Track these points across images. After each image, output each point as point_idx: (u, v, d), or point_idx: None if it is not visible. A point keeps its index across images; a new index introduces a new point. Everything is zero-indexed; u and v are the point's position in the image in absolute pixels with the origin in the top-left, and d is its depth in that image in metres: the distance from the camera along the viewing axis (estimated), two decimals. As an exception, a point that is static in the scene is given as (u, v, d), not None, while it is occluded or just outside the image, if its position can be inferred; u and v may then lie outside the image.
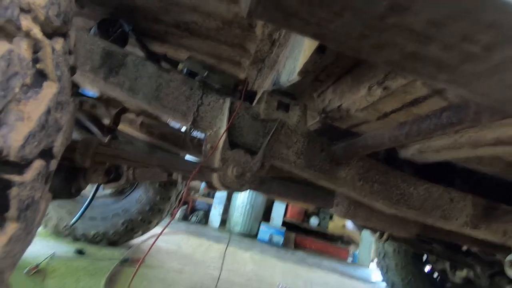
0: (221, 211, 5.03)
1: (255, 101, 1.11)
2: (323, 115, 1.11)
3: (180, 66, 1.06)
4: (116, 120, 1.25)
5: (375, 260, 3.42)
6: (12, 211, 0.41)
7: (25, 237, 0.43)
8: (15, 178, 0.41)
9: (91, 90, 1.31)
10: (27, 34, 0.41)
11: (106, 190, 2.25)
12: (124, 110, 1.27)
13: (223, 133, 0.92)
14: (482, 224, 1.17)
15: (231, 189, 0.93)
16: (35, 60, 0.41)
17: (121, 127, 1.81)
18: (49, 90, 0.42)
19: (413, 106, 0.84)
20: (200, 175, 0.97)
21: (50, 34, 0.44)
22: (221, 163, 0.88)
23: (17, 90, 0.39)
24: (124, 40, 1.08)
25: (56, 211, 2.32)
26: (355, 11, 0.35)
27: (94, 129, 1.42)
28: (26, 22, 0.40)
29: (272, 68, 1.22)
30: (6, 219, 0.41)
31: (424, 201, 1.13)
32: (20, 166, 0.42)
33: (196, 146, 1.55)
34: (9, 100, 0.38)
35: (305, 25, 0.39)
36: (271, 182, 1.42)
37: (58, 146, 0.45)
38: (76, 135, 1.17)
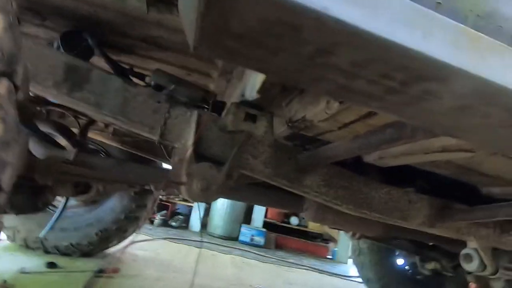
0: (201, 214, 5.00)
1: (224, 112, 1.14)
2: (290, 124, 1.16)
3: (147, 80, 1.06)
4: (84, 132, 1.24)
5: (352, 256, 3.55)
6: None
7: None
8: None
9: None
10: None
11: (77, 200, 2.19)
12: (91, 122, 1.25)
13: (190, 146, 0.94)
14: (438, 223, 1.27)
15: (199, 201, 0.95)
16: None
17: (93, 135, 1.78)
18: (-7, 132, 0.42)
19: (368, 118, 0.91)
20: (170, 187, 0.98)
21: None
22: (187, 177, 0.90)
23: None
24: (89, 54, 1.07)
25: (24, 223, 2.23)
26: (288, 51, 0.39)
27: (63, 141, 1.39)
28: None
29: (241, 79, 1.25)
30: None
31: (385, 204, 1.21)
32: None
33: (170, 153, 1.55)
34: None
35: (248, 61, 0.43)
36: (244, 189, 1.45)
37: (6, 180, 0.46)
38: (42, 149, 1.14)
